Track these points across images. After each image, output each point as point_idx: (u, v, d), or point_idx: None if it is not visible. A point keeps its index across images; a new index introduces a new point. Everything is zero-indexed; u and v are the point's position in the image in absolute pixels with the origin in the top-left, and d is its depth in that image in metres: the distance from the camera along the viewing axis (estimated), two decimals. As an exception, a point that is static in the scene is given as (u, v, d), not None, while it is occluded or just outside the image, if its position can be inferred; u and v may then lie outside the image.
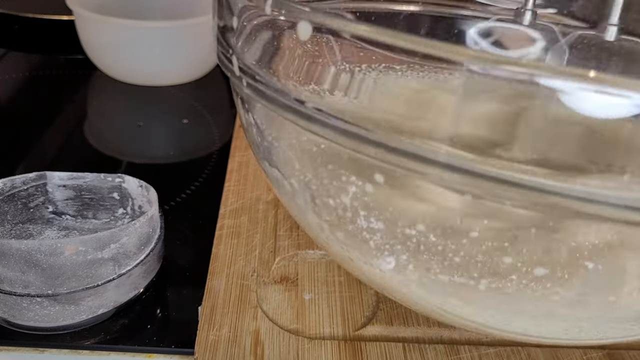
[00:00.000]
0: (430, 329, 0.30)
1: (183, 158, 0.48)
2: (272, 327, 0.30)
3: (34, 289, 0.28)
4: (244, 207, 0.38)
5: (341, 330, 0.30)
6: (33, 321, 0.29)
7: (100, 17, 0.53)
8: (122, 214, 0.35)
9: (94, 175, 0.34)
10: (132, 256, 0.30)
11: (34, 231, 0.34)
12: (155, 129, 0.52)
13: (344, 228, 0.24)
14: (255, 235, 0.36)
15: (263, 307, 0.31)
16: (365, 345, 0.29)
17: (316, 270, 0.34)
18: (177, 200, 0.41)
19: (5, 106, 0.54)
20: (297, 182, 0.25)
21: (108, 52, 0.56)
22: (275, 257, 0.34)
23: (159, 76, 0.57)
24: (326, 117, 0.20)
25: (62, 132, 0.50)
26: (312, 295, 0.32)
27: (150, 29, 0.54)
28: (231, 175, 0.42)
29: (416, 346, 0.29)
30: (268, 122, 0.26)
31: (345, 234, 0.24)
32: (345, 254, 0.26)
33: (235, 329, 0.30)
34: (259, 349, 0.28)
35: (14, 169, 0.44)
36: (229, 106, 0.56)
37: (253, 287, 0.32)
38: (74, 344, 0.30)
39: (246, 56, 0.24)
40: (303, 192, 0.25)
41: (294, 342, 0.29)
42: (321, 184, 0.24)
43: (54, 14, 0.64)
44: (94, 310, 0.30)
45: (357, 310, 0.31)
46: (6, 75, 0.58)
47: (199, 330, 0.29)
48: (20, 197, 0.33)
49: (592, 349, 0.30)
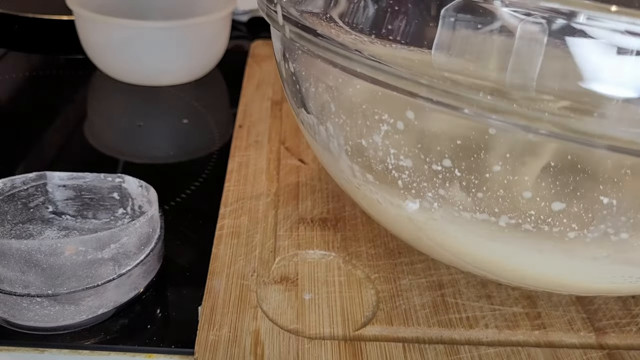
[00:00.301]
0: (430, 329, 0.30)
1: (183, 158, 0.48)
2: (272, 327, 0.30)
3: (34, 289, 0.28)
4: (244, 207, 0.38)
5: (341, 330, 0.30)
6: (33, 321, 0.29)
7: (100, 17, 0.53)
8: (122, 214, 0.35)
9: (94, 175, 0.34)
10: (132, 256, 0.30)
11: (34, 231, 0.34)
12: (155, 129, 0.52)
13: (375, 168, 0.26)
14: (255, 235, 0.36)
15: (263, 307, 0.31)
16: (365, 345, 0.29)
17: (316, 270, 0.34)
18: (177, 200, 0.41)
19: (5, 106, 0.54)
20: (332, 126, 0.27)
21: (108, 52, 0.56)
22: (275, 257, 0.34)
23: (159, 76, 0.57)
24: (366, 58, 0.22)
25: (62, 132, 0.50)
26: (312, 295, 0.32)
27: (150, 29, 0.54)
28: (231, 175, 0.42)
29: (416, 346, 0.29)
30: (307, 69, 0.28)
31: (375, 175, 0.26)
32: (373, 197, 0.27)
33: (235, 329, 0.30)
34: (259, 349, 0.28)
35: (14, 169, 0.44)
36: (229, 106, 0.56)
37: (253, 287, 0.32)
38: (74, 344, 0.30)
39: (288, 4, 0.26)
40: (338, 136, 0.27)
41: (294, 342, 0.29)
42: (355, 125, 0.26)
43: (54, 14, 0.64)
44: (94, 310, 0.30)
45: (357, 310, 0.31)
46: (6, 75, 0.58)
47: (199, 330, 0.29)
48: (20, 197, 0.33)
49: (592, 349, 0.30)
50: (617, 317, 0.32)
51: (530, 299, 0.33)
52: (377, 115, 0.25)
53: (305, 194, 0.40)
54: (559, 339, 0.30)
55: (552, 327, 0.31)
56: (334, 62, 0.24)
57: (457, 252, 0.27)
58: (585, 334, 0.31)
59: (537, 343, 0.30)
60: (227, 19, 0.59)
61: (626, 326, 0.32)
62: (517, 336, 0.30)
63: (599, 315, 0.32)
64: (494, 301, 0.32)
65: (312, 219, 0.38)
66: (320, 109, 0.28)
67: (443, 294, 0.33)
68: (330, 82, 0.27)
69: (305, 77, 0.29)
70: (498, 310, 0.32)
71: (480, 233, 0.24)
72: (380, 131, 0.25)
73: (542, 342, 0.30)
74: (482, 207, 0.23)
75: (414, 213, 0.25)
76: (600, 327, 0.31)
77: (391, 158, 0.25)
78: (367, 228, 0.37)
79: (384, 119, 0.24)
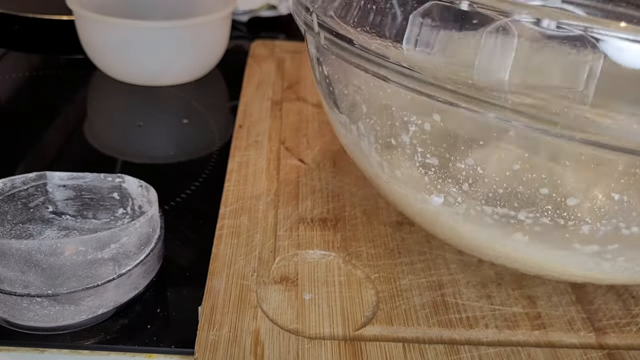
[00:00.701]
0: (430, 329, 0.30)
1: (183, 158, 0.48)
2: (272, 327, 0.30)
3: (34, 289, 0.28)
4: (244, 207, 0.38)
5: (341, 330, 0.30)
6: (33, 321, 0.29)
7: (100, 17, 0.53)
8: (122, 214, 0.35)
9: (94, 175, 0.34)
10: (132, 256, 0.30)
11: (34, 231, 0.34)
12: (155, 129, 0.52)
13: (403, 165, 0.28)
14: (255, 235, 0.36)
15: (263, 307, 0.31)
16: (365, 345, 0.29)
17: (316, 270, 0.34)
18: (177, 200, 0.41)
19: (5, 106, 0.54)
20: (364, 125, 0.29)
21: (108, 52, 0.56)
22: (275, 257, 0.34)
23: (159, 76, 0.57)
24: (396, 66, 0.24)
25: (62, 132, 0.50)
26: (312, 295, 0.32)
27: (150, 29, 0.54)
28: (231, 175, 0.42)
29: (416, 346, 0.29)
30: (341, 72, 0.30)
31: (403, 171, 0.28)
32: (401, 191, 0.29)
33: (235, 329, 0.30)
34: (259, 349, 0.29)
35: (14, 169, 0.44)
36: (229, 106, 0.56)
37: (253, 287, 0.32)
38: (74, 344, 0.30)
39: (322, 11, 0.28)
40: (368, 135, 0.29)
41: (294, 342, 0.29)
42: (385, 125, 0.28)
43: (54, 14, 0.64)
44: (94, 310, 0.30)
45: (357, 310, 0.31)
46: (6, 75, 0.58)
47: (199, 330, 0.29)
48: (20, 197, 0.33)
49: (592, 349, 0.30)
50: (617, 317, 0.32)
51: (530, 299, 0.33)
52: (405, 117, 0.27)
53: (305, 194, 0.40)
54: (559, 339, 0.31)
55: (552, 327, 0.31)
56: (365, 68, 0.25)
57: (475, 246, 0.29)
58: (585, 334, 0.31)
59: (537, 343, 0.30)
60: (227, 19, 0.59)
61: (626, 326, 0.32)
62: (517, 336, 0.30)
63: (599, 315, 0.32)
64: (494, 301, 0.32)
65: (312, 219, 0.38)
66: (351, 110, 0.30)
67: (443, 294, 0.33)
68: (362, 85, 0.28)
69: (338, 80, 0.30)
70: (498, 310, 0.32)
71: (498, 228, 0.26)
72: (408, 131, 0.27)
73: (542, 342, 0.30)
74: (503, 202, 0.25)
75: (440, 207, 0.27)
76: (601, 327, 0.31)
77: (418, 156, 0.27)
78: (367, 228, 0.37)
79: (412, 121, 0.26)
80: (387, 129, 0.28)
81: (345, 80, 0.30)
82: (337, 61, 0.29)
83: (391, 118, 0.27)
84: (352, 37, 0.26)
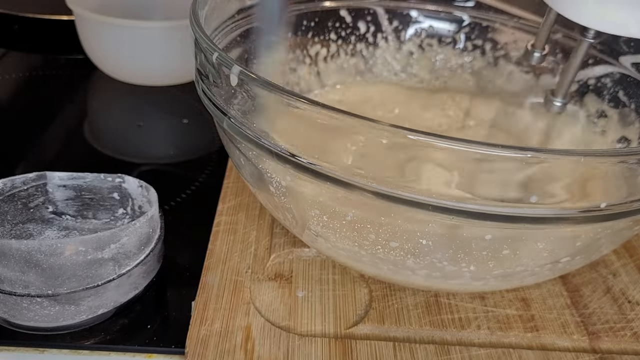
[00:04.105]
0: (421, 329, 0.31)
1: (183, 158, 0.48)
2: (264, 323, 0.30)
3: (34, 289, 0.28)
4: (242, 204, 0.39)
5: (332, 328, 0.30)
6: (33, 321, 0.29)
7: (100, 17, 0.53)
8: (122, 214, 0.35)
9: (94, 176, 0.35)
10: (132, 256, 0.31)
11: (34, 231, 0.34)
12: (155, 129, 0.52)
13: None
14: (251, 232, 0.36)
15: (256, 304, 0.31)
16: (356, 343, 0.29)
17: (311, 268, 0.34)
18: (177, 200, 0.41)
19: (5, 106, 0.54)
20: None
21: (108, 52, 0.56)
22: (270, 255, 0.35)
23: (159, 76, 0.57)
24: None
25: (62, 132, 0.50)
26: (306, 293, 0.32)
27: (150, 29, 0.54)
28: (230, 172, 0.42)
29: (407, 345, 0.29)
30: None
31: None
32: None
33: (227, 324, 0.30)
34: (250, 345, 0.29)
35: (14, 169, 0.44)
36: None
37: (247, 284, 0.33)
38: (74, 344, 0.30)
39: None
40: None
41: (284, 338, 0.29)
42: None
43: (54, 14, 0.64)
44: (94, 310, 0.30)
45: (349, 309, 0.32)
46: (6, 75, 0.59)
47: (191, 325, 0.30)
48: (20, 197, 0.34)
49: (584, 352, 0.30)
50: (611, 322, 0.32)
51: (525, 302, 0.33)
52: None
53: (302, 194, 0.40)
54: (551, 342, 0.31)
55: (545, 330, 0.31)
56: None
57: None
58: (579, 337, 0.31)
59: (529, 345, 0.30)
60: (227, 19, 0.60)
61: (620, 330, 0.32)
62: (510, 338, 0.31)
63: (593, 319, 0.32)
64: (487, 303, 0.33)
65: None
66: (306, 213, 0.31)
67: (437, 295, 0.33)
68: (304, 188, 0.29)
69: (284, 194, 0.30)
70: (491, 312, 0.32)
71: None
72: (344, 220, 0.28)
73: (535, 345, 0.30)
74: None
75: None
76: (594, 331, 0.31)
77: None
78: (363, 229, 0.38)
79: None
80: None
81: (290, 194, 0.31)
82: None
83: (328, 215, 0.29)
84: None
